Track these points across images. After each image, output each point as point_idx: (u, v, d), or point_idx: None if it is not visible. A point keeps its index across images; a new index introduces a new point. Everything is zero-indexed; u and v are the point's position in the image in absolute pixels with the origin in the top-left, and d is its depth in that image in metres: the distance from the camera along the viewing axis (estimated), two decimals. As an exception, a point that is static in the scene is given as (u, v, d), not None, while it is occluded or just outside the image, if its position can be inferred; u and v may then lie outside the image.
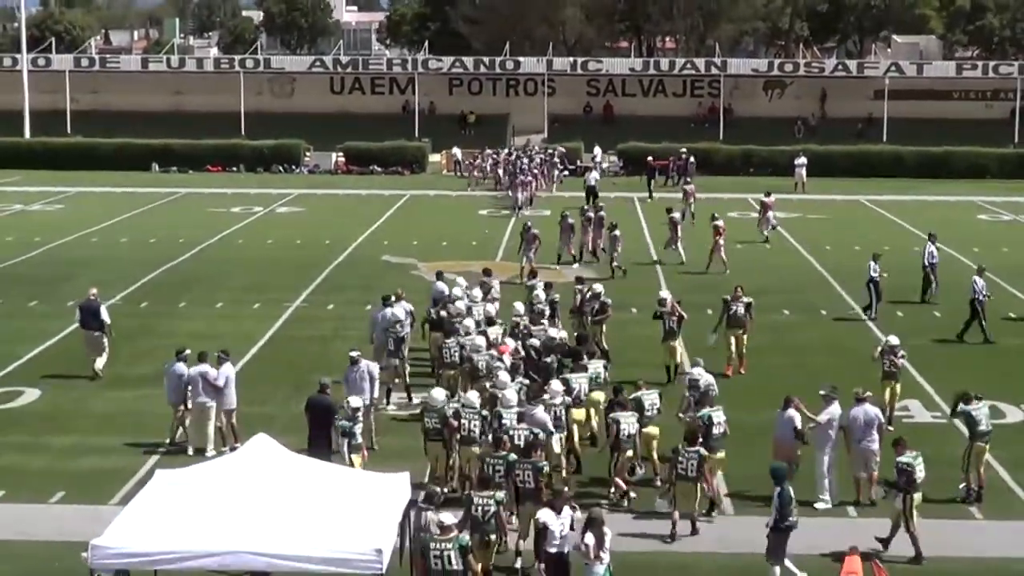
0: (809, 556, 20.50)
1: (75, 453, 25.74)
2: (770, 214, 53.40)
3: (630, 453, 22.90)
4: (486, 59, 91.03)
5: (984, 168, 75.99)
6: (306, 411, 24.00)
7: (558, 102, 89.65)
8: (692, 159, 70.30)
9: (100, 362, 31.36)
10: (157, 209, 61.82)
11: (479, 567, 18.66)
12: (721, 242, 45.60)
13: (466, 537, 17.54)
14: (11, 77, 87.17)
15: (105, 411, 28.59)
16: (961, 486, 23.17)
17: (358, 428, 22.36)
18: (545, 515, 18.70)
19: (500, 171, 68.95)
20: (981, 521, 22.48)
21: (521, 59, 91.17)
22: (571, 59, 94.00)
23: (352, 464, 21.54)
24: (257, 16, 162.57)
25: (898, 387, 27.48)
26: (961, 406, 23.64)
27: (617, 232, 44.37)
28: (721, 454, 22.82)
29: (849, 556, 17.56)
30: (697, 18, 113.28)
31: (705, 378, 24.63)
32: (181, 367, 26.03)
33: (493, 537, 19.19)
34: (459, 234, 52.28)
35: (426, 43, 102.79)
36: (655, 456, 23.82)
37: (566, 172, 74.47)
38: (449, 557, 16.98)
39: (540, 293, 32.22)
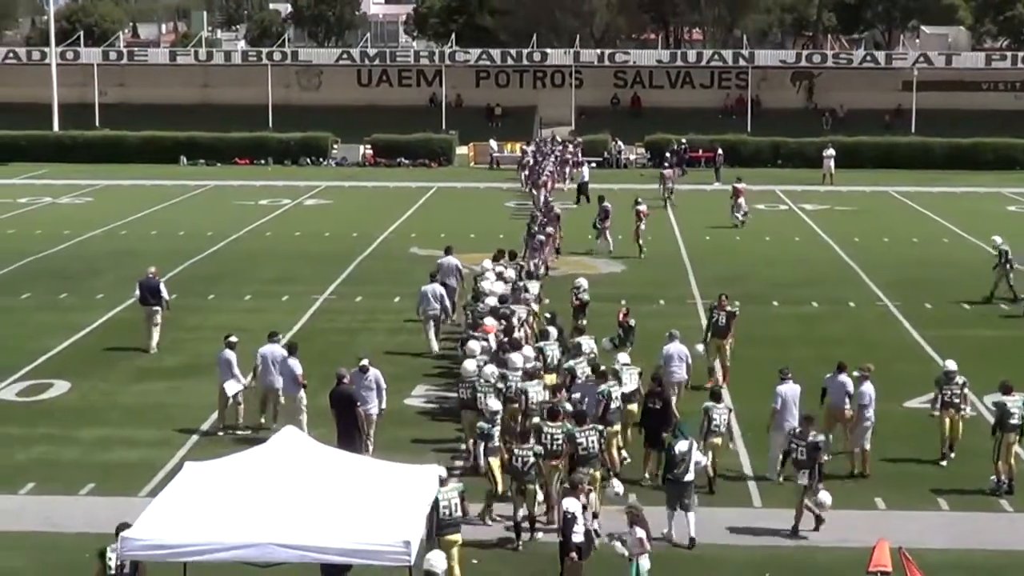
0: (838, 548, 20.51)
1: (104, 445, 25.85)
2: (741, 200, 53.64)
3: (536, 419, 23.02)
4: (513, 51, 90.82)
5: (1013, 159, 75.49)
6: (330, 404, 24.23)
7: (585, 94, 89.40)
8: (720, 151, 70.23)
9: (155, 339, 32.86)
10: (185, 202, 61.99)
11: (520, 513, 20.64)
12: (642, 227, 46.48)
13: (462, 484, 19.00)
14: (40, 70, 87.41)
15: (134, 403, 28.69)
16: (991, 478, 23.11)
17: (496, 430, 22.20)
18: (571, 504, 18.76)
19: (531, 160, 68.53)
20: (1011, 513, 22.40)
21: (548, 51, 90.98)
22: (598, 51, 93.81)
23: (489, 468, 21.64)
24: (285, 9, 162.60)
25: (958, 418, 24.79)
26: (998, 396, 23.65)
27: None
28: (616, 427, 23.70)
29: (878, 547, 17.51)
30: (724, 9, 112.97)
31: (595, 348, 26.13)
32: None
33: (531, 487, 20.69)
34: (486, 227, 52.05)
35: (453, 35, 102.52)
36: None
37: (593, 164, 74.47)
38: (455, 505, 18.61)
39: (510, 272, 33.61)
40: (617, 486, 20.58)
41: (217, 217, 55.74)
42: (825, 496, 21.24)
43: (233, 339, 27.30)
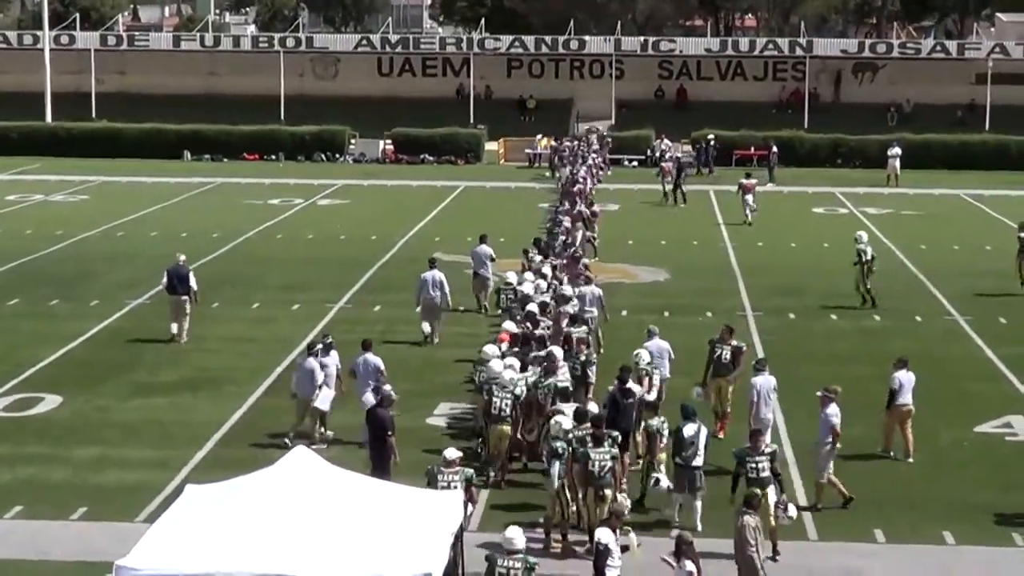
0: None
1: (98, 465, 25.89)
2: (749, 197, 54.43)
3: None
4: (548, 38, 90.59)
5: (1098, 160, 75.18)
6: (366, 420, 24.24)
7: (627, 86, 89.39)
8: (774, 149, 70.06)
9: (183, 327, 34.45)
10: (189, 201, 62.18)
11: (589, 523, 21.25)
12: (596, 229, 48.09)
13: (470, 471, 20.66)
14: (32, 56, 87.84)
15: (131, 420, 28.73)
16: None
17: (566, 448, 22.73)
18: (606, 534, 18.75)
19: (558, 158, 68.42)
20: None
21: (586, 38, 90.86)
22: (641, 38, 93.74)
23: (562, 489, 22.08)
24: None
25: None
26: None
27: None
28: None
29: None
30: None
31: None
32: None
33: (607, 492, 21.29)
34: (518, 230, 51.79)
35: (482, 21, 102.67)
36: None
37: (634, 163, 74.57)
38: (456, 488, 19.77)
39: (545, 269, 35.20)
40: (625, 500, 20.99)
41: (223, 217, 55.90)
42: (793, 510, 21.48)
43: (320, 346, 27.70)
